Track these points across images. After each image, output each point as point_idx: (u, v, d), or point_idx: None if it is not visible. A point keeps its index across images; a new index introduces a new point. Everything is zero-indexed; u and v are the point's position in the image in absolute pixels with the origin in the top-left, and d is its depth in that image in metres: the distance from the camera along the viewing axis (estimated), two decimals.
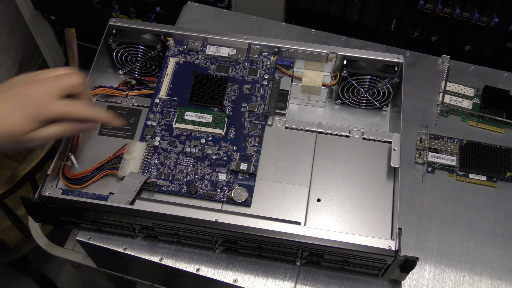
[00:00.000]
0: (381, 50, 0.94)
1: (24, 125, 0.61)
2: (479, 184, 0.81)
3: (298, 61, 0.84)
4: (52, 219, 0.74)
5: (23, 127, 0.61)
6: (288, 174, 0.75)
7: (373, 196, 0.74)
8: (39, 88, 0.63)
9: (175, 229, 0.71)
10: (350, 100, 0.83)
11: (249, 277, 0.74)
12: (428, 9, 1.03)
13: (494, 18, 1.00)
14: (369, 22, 1.12)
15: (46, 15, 1.50)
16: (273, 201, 0.73)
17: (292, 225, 0.68)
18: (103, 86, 0.81)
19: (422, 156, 0.83)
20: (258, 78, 0.83)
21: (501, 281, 0.74)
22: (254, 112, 0.80)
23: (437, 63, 0.94)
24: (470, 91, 0.90)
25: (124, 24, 0.83)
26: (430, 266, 0.75)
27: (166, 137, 0.78)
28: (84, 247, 0.80)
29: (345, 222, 0.72)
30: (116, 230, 0.75)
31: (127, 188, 0.72)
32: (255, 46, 0.84)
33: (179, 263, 0.75)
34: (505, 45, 1.04)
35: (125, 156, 0.75)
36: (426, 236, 0.77)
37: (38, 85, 0.63)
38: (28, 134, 0.61)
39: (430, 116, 0.88)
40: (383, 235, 0.71)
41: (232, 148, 0.76)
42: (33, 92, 0.62)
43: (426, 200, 0.80)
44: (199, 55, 0.85)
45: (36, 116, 0.61)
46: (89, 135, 0.79)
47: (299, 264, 0.74)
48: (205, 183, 0.74)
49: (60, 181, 0.75)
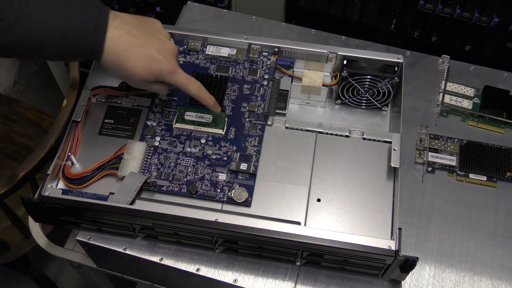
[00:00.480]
0: (381, 50, 0.94)
1: (147, 78, 0.68)
2: (479, 184, 0.81)
3: (298, 61, 0.84)
4: (52, 219, 0.74)
5: (146, 78, 0.68)
6: (288, 174, 0.75)
7: (373, 196, 0.74)
8: (174, 49, 0.70)
9: (175, 229, 0.71)
10: (350, 100, 0.83)
11: (249, 277, 0.74)
12: (428, 9, 1.03)
13: (494, 18, 1.00)
14: (369, 22, 1.12)
15: None
16: (273, 201, 0.73)
17: (292, 225, 0.68)
18: (103, 86, 0.81)
19: (422, 156, 0.83)
20: (258, 78, 0.83)
21: (501, 281, 0.74)
22: (254, 112, 0.80)
23: (437, 63, 0.94)
24: (470, 91, 0.90)
25: None
26: (430, 266, 0.75)
27: (166, 137, 0.78)
28: (84, 247, 0.80)
29: (345, 222, 0.72)
30: (116, 230, 0.75)
31: (127, 188, 0.72)
32: (255, 46, 0.84)
33: (179, 263, 0.75)
34: (505, 45, 1.04)
35: (125, 156, 0.75)
36: (426, 236, 0.77)
37: (173, 46, 0.70)
38: (145, 83, 0.69)
39: (430, 116, 0.88)
40: (383, 235, 0.71)
41: (232, 148, 0.76)
42: (171, 49, 0.70)
43: (426, 200, 0.80)
44: (199, 55, 0.85)
45: (161, 77, 0.69)
46: (89, 135, 0.79)
47: (299, 264, 0.74)
48: (205, 183, 0.74)
49: (60, 181, 0.75)
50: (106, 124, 0.80)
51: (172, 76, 0.69)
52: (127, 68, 0.66)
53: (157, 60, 0.68)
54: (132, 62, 0.66)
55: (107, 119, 0.80)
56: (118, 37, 0.65)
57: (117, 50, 0.65)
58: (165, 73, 0.69)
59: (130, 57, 0.66)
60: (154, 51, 0.67)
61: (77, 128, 0.77)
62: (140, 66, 0.67)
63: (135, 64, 0.66)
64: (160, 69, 0.68)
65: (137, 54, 0.66)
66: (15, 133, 1.29)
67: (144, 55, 0.67)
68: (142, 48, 0.66)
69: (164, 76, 0.69)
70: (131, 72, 0.67)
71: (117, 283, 1.08)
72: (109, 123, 0.80)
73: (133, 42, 0.66)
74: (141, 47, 0.66)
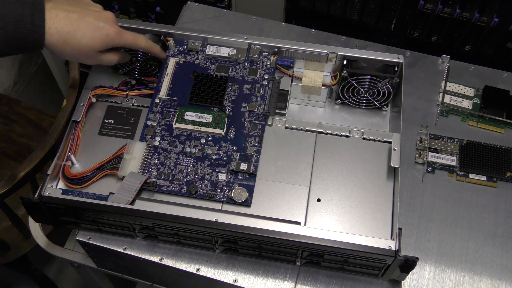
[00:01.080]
0: (381, 50, 0.94)
1: (97, 46, 0.70)
2: (479, 184, 0.81)
3: (298, 61, 0.84)
4: (52, 219, 0.74)
5: (95, 47, 0.70)
6: (288, 174, 0.75)
7: (373, 196, 0.74)
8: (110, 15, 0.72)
9: (175, 229, 0.71)
10: (350, 100, 0.83)
11: (249, 277, 0.74)
12: (428, 9, 1.03)
13: (494, 18, 1.00)
14: (369, 22, 1.12)
15: None
16: (273, 201, 0.73)
17: (292, 225, 0.68)
18: (103, 86, 0.81)
19: (422, 156, 0.83)
20: (258, 78, 0.83)
21: (501, 281, 0.74)
22: (254, 112, 0.80)
23: (437, 63, 0.94)
24: (470, 91, 0.90)
25: (124, 24, 0.83)
26: (430, 266, 0.75)
27: (166, 137, 0.78)
28: (84, 247, 0.80)
29: (345, 222, 0.72)
30: (116, 230, 0.75)
31: (127, 188, 0.72)
32: (255, 46, 0.84)
33: (179, 263, 0.75)
34: (505, 45, 1.04)
35: (125, 156, 0.75)
36: (426, 236, 0.77)
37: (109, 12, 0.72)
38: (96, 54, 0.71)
39: (430, 116, 0.88)
40: (383, 235, 0.71)
41: (232, 148, 0.76)
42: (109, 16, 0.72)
43: (426, 200, 0.80)
44: (199, 55, 0.85)
45: (109, 41, 0.71)
46: (89, 135, 0.79)
47: (299, 264, 0.74)
48: (205, 183, 0.74)
49: (60, 181, 0.75)
50: (106, 124, 0.80)
51: (120, 38, 0.72)
52: (74, 42, 0.68)
53: (100, 27, 0.70)
54: (77, 35, 0.68)
55: (107, 119, 0.80)
56: (56, 15, 0.66)
57: (59, 28, 0.66)
58: (112, 36, 0.71)
59: (74, 31, 0.67)
60: (94, 20, 0.69)
61: (77, 128, 0.77)
62: (87, 37, 0.68)
63: (81, 36, 0.68)
64: (106, 33, 0.70)
65: (79, 26, 0.68)
66: (15, 133, 1.29)
67: (87, 25, 0.68)
68: (82, 19, 0.68)
69: (112, 40, 0.71)
70: (79, 45, 0.68)
71: (117, 283, 1.08)
72: (109, 123, 0.80)
73: (72, 16, 0.67)
74: (81, 19, 0.68)
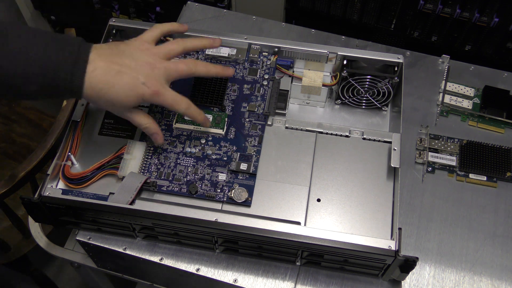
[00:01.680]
0: (381, 50, 0.94)
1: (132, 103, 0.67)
2: (479, 184, 0.81)
3: (298, 61, 0.84)
4: (52, 219, 0.74)
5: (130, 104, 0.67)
6: (288, 174, 0.75)
7: (373, 196, 0.74)
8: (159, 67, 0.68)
9: (175, 229, 0.71)
10: (350, 100, 0.83)
11: (249, 277, 0.74)
12: (428, 9, 1.03)
13: (494, 18, 1.00)
14: (369, 22, 1.12)
15: (46, 15, 1.50)
16: (273, 201, 0.73)
17: (292, 225, 0.68)
18: None
19: (422, 156, 0.83)
20: (258, 78, 0.83)
21: (501, 281, 0.74)
22: (254, 112, 0.80)
23: (437, 63, 0.94)
24: (470, 91, 0.90)
25: (124, 24, 0.83)
26: (430, 266, 0.75)
27: (166, 137, 0.78)
28: (84, 247, 0.80)
29: (345, 222, 0.72)
30: (116, 230, 0.75)
31: (127, 188, 0.72)
32: (255, 46, 0.84)
33: (179, 263, 0.75)
34: (505, 45, 1.04)
35: (125, 156, 0.75)
36: (426, 236, 0.77)
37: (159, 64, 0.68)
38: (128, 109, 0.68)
39: (430, 116, 0.88)
40: (383, 235, 0.71)
41: (232, 148, 0.76)
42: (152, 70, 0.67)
43: (426, 200, 0.80)
44: (199, 55, 0.85)
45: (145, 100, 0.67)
46: (89, 135, 0.79)
47: (299, 264, 0.74)
48: (205, 183, 0.74)
49: (60, 181, 0.75)
50: (106, 124, 0.80)
51: (158, 98, 0.67)
52: (108, 99, 0.65)
53: (137, 85, 0.65)
54: (112, 92, 0.64)
55: (107, 119, 0.80)
56: (94, 69, 0.63)
57: (93, 84, 0.63)
58: (148, 97, 0.67)
59: (109, 87, 0.64)
60: (133, 75, 0.65)
61: (77, 128, 0.77)
62: (123, 94, 0.65)
63: (117, 92, 0.65)
64: (142, 93, 0.66)
65: (115, 83, 0.64)
66: (15, 133, 1.29)
67: (123, 83, 0.65)
68: (120, 75, 0.65)
69: (148, 99, 0.67)
70: (114, 101, 0.65)
71: (117, 283, 1.08)
72: (109, 123, 0.80)
73: (110, 71, 0.64)
74: (118, 75, 0.64)
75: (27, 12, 1.47)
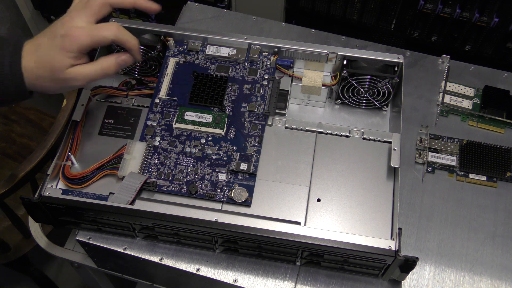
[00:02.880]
0: (381, 50, 0.94)
1: (64, 59, 0.64)
2: (479, 184, 0.81)
3: (298, 61, 0.84)
4: (52, 219, 0.74)
5: (63, 61, 0.64)
6: (288, 174, 0.75)
7: (373, 196, 0.74)
8: (72, 20, 0.66)
9: (175, 229, 0.71)
10: (350, 100, 0.83)
11: (249, 277, 0.74)
12: (428, 9, 1.03)
13: (494, 18, 1.00)
14: (369, 22, 1.12)
15: (46, 15, 1.50)
16: (273, 201, 0.73)
17: (292, 225, 0.68)
18: (103, 86, 0.81)
19: (422, 156, 0.83)
20: (258, 78, 0.83)
21: (501, 281, 0.74)
22: (254, 112, 0.80)
23: (437, 63, 0.94)
24: (470, 91, 0.90)
25: (124, 24, 0.83)
26: (430, 266, 0.75)
27: (166, 137, 0.78)
28: (84, 247, 0.80)
29: (345, 222, 0.72)
30: (116, 230, 0.75)
31: (127, 188, 0.72)
32: (255, 46, 0.84)
33: (179, 263, 0.75)
34: (505, 45, 1.04)
35: (125, 156, 0.75)
36: (426, 236, 0.77)
37: (70, 18, 0.66)
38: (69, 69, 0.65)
39: (430, 116, 0.88)
40: (383, 235, 0.71)
41: (232, 148, 0.76)
42: (66, 25, 0.65)
43: (426, 200, 0.80)
44: (199, 55, 0.85)
45: (72, 48, 0.64)
46: (89, 135, 0.79)
47: (299, 264, 0.74)
48: (205, 183, 0.74)
49: (60, 181, 0.75)
50: (106, 124, 0.80)
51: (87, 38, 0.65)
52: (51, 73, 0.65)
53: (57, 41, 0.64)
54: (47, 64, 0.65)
55: (107, 119, 0.80)
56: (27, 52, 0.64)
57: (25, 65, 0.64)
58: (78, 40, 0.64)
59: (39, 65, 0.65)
60: (50, 36, 0.65)
61: (77, 128, 0.77)
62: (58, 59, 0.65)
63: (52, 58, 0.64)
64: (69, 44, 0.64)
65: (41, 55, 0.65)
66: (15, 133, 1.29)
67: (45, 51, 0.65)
68: (40, 47, 0.65)
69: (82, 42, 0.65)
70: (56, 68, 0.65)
71: (117, 283, 1.08)
72: (109, 123, 0.80)
73: (35, 52, 0.65)
74: (39, 48, 0.65)
75: (27, 12, 1.47)
